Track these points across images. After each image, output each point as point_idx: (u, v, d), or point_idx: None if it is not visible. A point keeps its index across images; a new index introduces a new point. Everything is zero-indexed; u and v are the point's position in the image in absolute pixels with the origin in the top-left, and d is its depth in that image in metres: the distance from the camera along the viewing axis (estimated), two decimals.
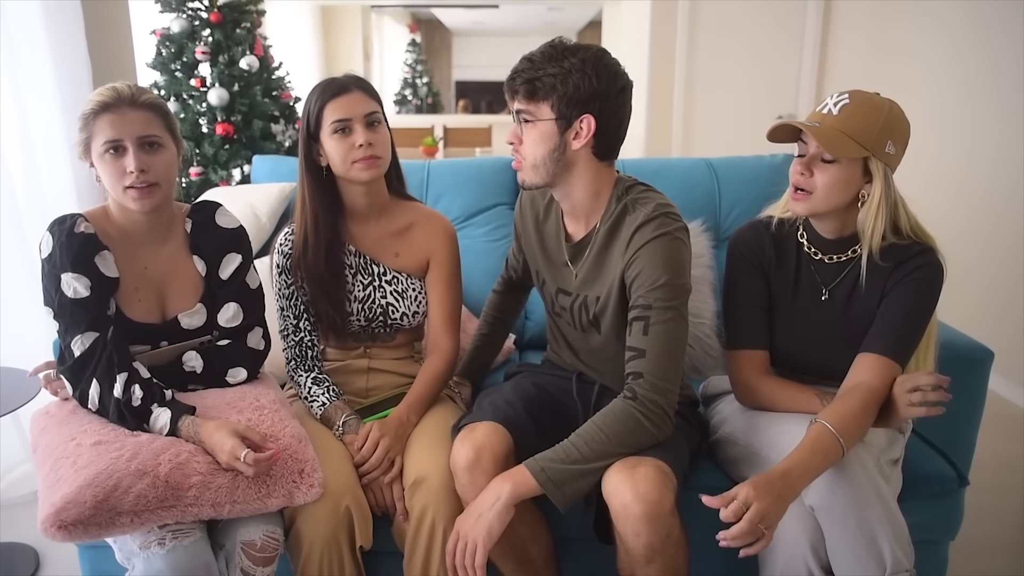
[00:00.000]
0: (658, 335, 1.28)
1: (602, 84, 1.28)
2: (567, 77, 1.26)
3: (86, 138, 1.30)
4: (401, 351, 1.64)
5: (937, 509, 1.53)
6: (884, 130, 1.29)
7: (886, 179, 1.31)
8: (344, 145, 1.44)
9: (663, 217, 1.32)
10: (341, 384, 1.57)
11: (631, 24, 5.39)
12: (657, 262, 1.29)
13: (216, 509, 1.21)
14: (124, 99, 1.29)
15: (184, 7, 2.98)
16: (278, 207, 2.12)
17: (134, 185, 1.28)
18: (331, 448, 1.41)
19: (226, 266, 1.42)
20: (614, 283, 1.36)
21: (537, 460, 1.25)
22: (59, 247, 1.28)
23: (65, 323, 1.28)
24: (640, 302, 1.30)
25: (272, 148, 3.10)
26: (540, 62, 1.29)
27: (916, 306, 1.34)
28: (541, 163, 1.33)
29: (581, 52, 1.28)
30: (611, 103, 1.30)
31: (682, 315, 1.30)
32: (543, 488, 1.24)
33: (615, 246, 1.36)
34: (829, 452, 1.22)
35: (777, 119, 4.43)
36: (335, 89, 1.45)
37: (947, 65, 3.32)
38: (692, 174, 2.17)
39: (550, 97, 1.28)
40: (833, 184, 1.32)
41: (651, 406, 1.26)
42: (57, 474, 1.18)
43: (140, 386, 1.27)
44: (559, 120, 1.29)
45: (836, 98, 1.33)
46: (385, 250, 1.57)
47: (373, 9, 9.14)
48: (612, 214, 1.37)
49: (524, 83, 1.30)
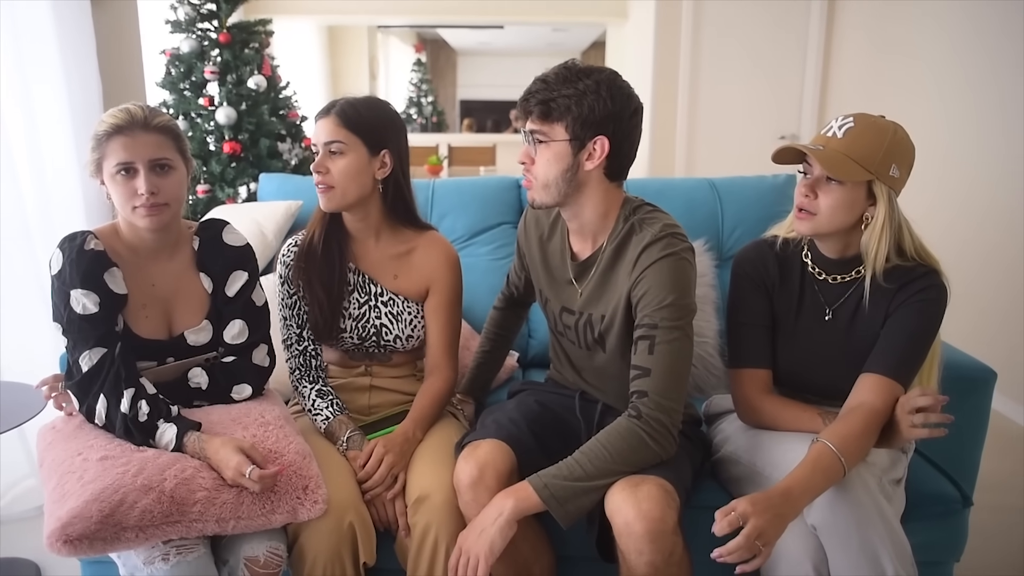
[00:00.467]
0: (663, 354, 1.29)
1: (616, 106, 1.29)
2: (582, 99, 1.28)
3: (98, 158, 1.32)
4: (402, 369, 1.64)
5: (941, 529, 1.52)
6: (888, 153, 1.30)
7: (890, 202, 1.32)
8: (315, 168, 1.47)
9: (670, 237, 1.33)
10: (343, 401, 1.58)
11: (635, 45, 5.45)
12: (664, 282, 1.30)
13: (221, 525, 1.22)
14: (137, 122, 1.30)
15: (194, 28, 3.03)
16: (284, 225, 2.14)
17: (144, 205, 1.30)
18: (335, 463, 1.42)
19: (232, 283, 1.44)
20: (620, 302, 1.36)
21: (540, 476, 1.26)
22: (69, 264, 1.30)
23: (74, 339, 1.30)
24: (646, 321, 1.30)
25: (279, 166, 3.13)
26: (555, 83, 1.30)
27: (919, 327, 1.34)
28: (553, 183, 1.33)
29: (595, 74, 1.29)
30: (624, 125, 1.31)
31: (687, 335, 1.31)
32: (546, 504, 1.24)
33: (621, 265, 1.37)
34: (830, 471, 1.22)
35: (780, 139, 4.54)
36: (321, 110, 1.49)
37: (952, 80, 3.34)
38: (695, 194, 2.19)
39: (565, 118, 1.29)
40: (837, 206, 1.33)
41: (655, 425, 1.27)
42: (63, 489, 1.19)
43: (146, 402, 1.28)
44: (573, 141, 1.30)
45: (841, 121, 1.34)
46: (384, 271, 1.58)
47: (379, 29, 9.23)
48: (619, 234, 1.38)
49: (539, 103, 1.30)
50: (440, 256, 1.58)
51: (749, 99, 4.58)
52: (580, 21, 6.57)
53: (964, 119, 3.22)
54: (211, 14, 3.03)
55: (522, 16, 6.25)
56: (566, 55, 1.41)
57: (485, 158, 7.08)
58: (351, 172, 1.47)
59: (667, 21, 4.52)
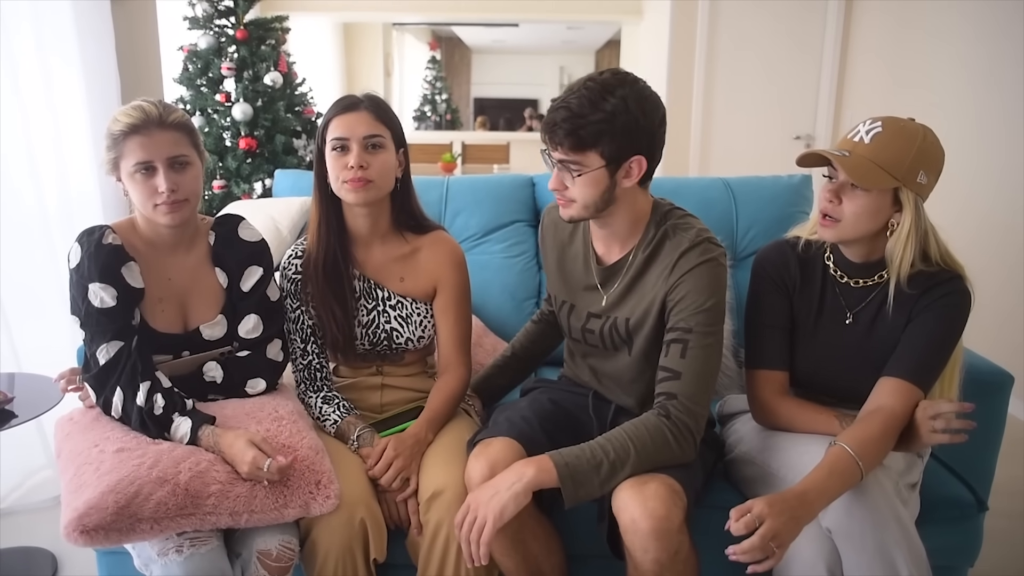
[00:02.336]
0: (696, 359, 1.28)
1: (647, 120, 1.26)
2: (612, 121, 1.22)
3: (115, 157, 1.33)
4: (413, 367, 1.64)
5: (956, 534, 1.51)
6: (916, 160, 1.27)
7: (916, 209, 1.29)
8: (339, 163, 1.43)
9: (707, 243, 1.33)
10: (355, 400, 1.57)
11: (650, 44, 5.43)
12: (703, 287, 1.30)
13: (234, 518, 1.22)
14: (152, 120, 1.31)
15: (211, 24, 3.05)
16: (299, 220, 2.15)
17: (165, 202, 1.31)
18: (347, 459, 1.42)
19: (247, 278, 1.45)
20: (653, 306, 1.35)
21: (562, 455, 1.24)
22: (87, 257, 1.31)
23: (91, 332, 1.31)
24: (681, 325, 1.30)
25: (294, 162, 3.15)
26: (580, 110, 1.23)
27: (941, 332, 1.33)
28: (592, 204, 1.31)
29: (619, 89, 1.23)
30: (657, 135, 1.30)
31: (720, 341, 1.31)
32: (560, 482, 1.22)
33: (654, 270, 1.36)
34: (847, 474, 1.21)
35: (795, 139, 4.51)
36: (344, 105, 1.45)
37: (972, 82, 3.31)
38: (709, 193, 2.17)
39: (599, 145, 1.25)
40: (862, 213, 1.31)
41: (682, 427, 1.27)
42: (80, 479, 1.20)
43: (162, 395, 1.29)
44: (609, 165, 1.27)
45: (869, 125, 1.30)
46: (390, 274, 1.55)
47: (394, 27, 9.25)
48: (652, 240, 1.37)
49: (568, 135, 1.24)
50: (445, 255, 1.56)
51: (764, 99, 4.55)
52: (595, 19, 6.54)
53: (986, 122, 3.19)
54: (228, 11, 3.05)
55: (537, 14, 6.24)
56: (580, 53, 1.40)
57: (499, 156, 7.08)
58: (389, 167, 1.46)
59: (683, 20, 4.49)
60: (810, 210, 2.22)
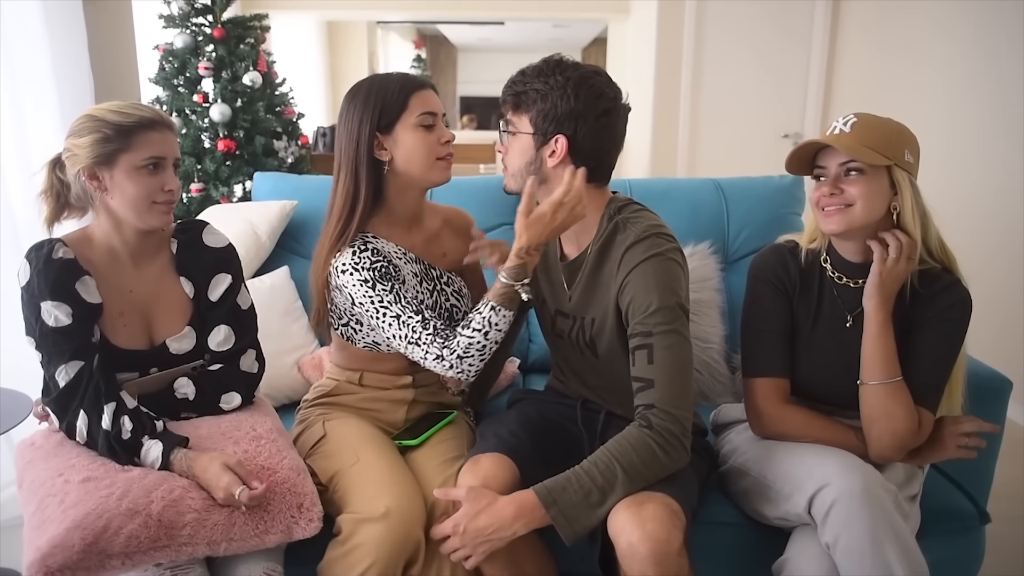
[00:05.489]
0: (663, 361, 1.24)
1: (580, 105, 1.27)
2: (548, 94, 1.28)
3: (115, 150, 1.25)
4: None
5: (957, 546, 1.48)
6: (898, 140, 1.30)
7: (913, 187, 1.31)
8: (430, 139, 1.38)
9: (654, 237, 1.29)
10: (375, 411, 1.52)
11: (636, 42, 5.40)
12: (650, 285, 1.25)
13: (212, 547, 1.16)
14: (162, 119, 1.30)
15: (188, 22, 2.98)
16: (279, 225, 2.08)
17: (166, 202, 1.29)
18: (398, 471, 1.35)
19: (215, 287, 1.39)
20: (609, 307, 1.32)
21: (549, 491, 1.21)
22: (36, 275, 1.25)
23: (48, 353, 1.24)
24: (639, 329, 1.26)
25: (274, 165, 3.09)
26: (530, 76, 1.30)
27: (946, 349, 1.34)
28: (518, 173, 1.35)
29: (570, 71, 1.28)
30: (588, 125, 1.28)
31: (684, 336, 1.26)
32: (553, 522, 1.20)
33: (606, 268, 1.33)
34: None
35: (783, 138, 4.49)
36: (418, 82, 1.40)
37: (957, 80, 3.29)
38: (700, 195, 2.14)
39: (530, 111, 1.30)
40: (868, 193, 1.29)
41: (667, 435, 1.22)
42: (43, 514, 1.13)
43: (129, 417, 1.23)
44: (536, 135, 1.31)
45: (844, 119, 1.33)
46: (433, 252, 1.53)
47: (379, 25, 9.17)
48: (603, 233, 1.34)
49: (512, 95, 1.32)
50: (465, 219, 1.59)
51: (752, 98, 4.53)
52: (581, 17, 6.51)
53: (976, 120, 3.17)
54: (205, 9, 2.99)
55: (523, 12, 6.21)
56: (567, 51, 1.37)
57: (485, 156, 7.03)
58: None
59: (670, 18, 4.46)
60: (802, 211, 2.20)
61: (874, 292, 1.31)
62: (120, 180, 1.26)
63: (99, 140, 1.25)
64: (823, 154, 1.33)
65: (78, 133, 1.26)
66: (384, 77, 1.42)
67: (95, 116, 1.26)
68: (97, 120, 1.26)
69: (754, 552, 1.41)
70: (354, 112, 1.39)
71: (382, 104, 1.37)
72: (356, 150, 1.39)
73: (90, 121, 1.26)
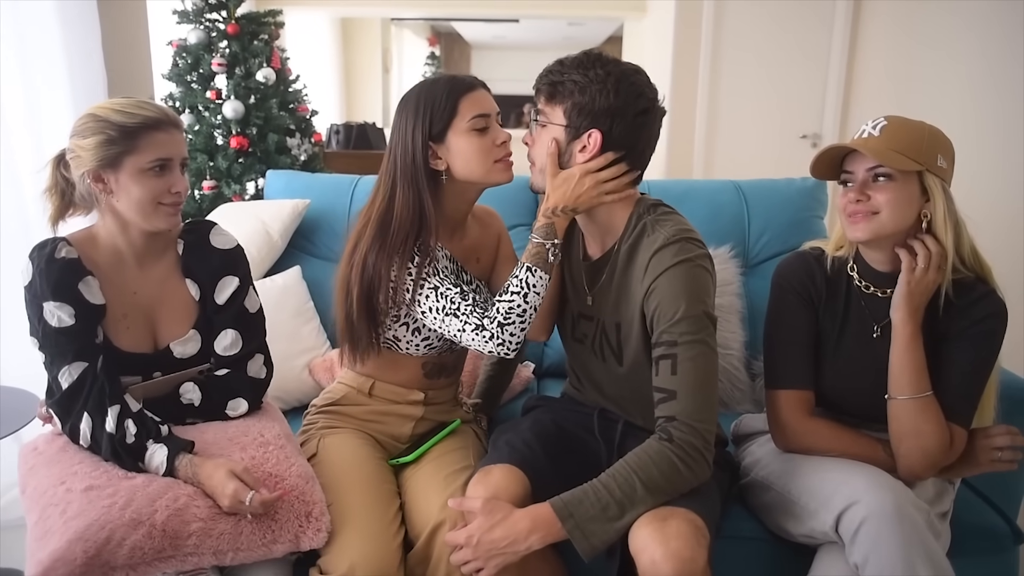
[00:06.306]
0: (687, 373, 1.19)
1: (619, 102, 1.23)
2: (587, 87, 1.24)
3: (120, 152, 1.21)
4: (450, 391, 1.56)
5: (990, 566, 1.43)
6: (931, 144, 1.24)
7: (945, 193, 1.25)
8: (485, 142, 1.33)
9: (684, 242, 1.24)
10: (382, 425, 1.48)
11: (653, 41, 5.34)
12: (678, 292, 1.21)
13: (218, 557, 1.13)
14: (169, 117, 1.25)
15: (202, 19, 2.96)
16: (291, 224, 2.05)
17: (174, 203, 1.26)
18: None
19: (222, 290, 1.35)
20: (635, 313, 1.28)
21: (566, 504, 1.17)
22: (39, 274, 1.22)
23: (51, 354, 1.21)
24: (664, 338, 1.21)
25: (287, 162, 3.06)
26: (569, 66, 1.26)
27: (981, 364, 1.29)
28: (544, 169, 1.30)
29: (611, 66, 1.25)
30: (625, 123, 1.24)
31: (711, 347, 1.21)
32: (570, 536, 1.16)
33: (634, 270, 1.29)
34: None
35: (801, 139, 4.42)
36: (467, 84, 1.34)
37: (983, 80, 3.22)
38: (720, 197, 2.09)
39: (566, 102, 1.26)
40: (896, 200, 1.24)
41: (688, 449, 1.18)
42: (45, 525, 1.10)
43: (133, 421, 1.19)
44: (568, 128, 1.26)
45: (873, 122, 1.28)
46: (469, 258, 1.48)
47: (393, 22, 9.15)
48: (631, 234, 1.30)
49: (547, 84, 1.28)
50: (493, 216, 1.56)
51: (770, 98, 4.46)
52: (597, 15, 6.45)
53: (996, 127, 3.10)
54: (219, 4, 2.96)
55: (538, 10, 6.16)
56: (582, 49, 1.32)
57: None
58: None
59: (687, 16, 4.40)
60: (824, 215, 2.14)
61: (902, 303, 1.26)
62: (125, 183, 1.23)
63: (103, 142, 1.21)
64: (851, 158, 1.29)
65: (82, 134, 1.23)
66: (432, 83, 1.36)
67: (98, 116, 1.22)
68: (101, 120, 1.22)
69: (777, 569, 1.36)
70: (405, 123, 1.33)
71: (431, 112, 1.32)
72: (412, 163, 1.33)
73: (93, 121, 1.22)
